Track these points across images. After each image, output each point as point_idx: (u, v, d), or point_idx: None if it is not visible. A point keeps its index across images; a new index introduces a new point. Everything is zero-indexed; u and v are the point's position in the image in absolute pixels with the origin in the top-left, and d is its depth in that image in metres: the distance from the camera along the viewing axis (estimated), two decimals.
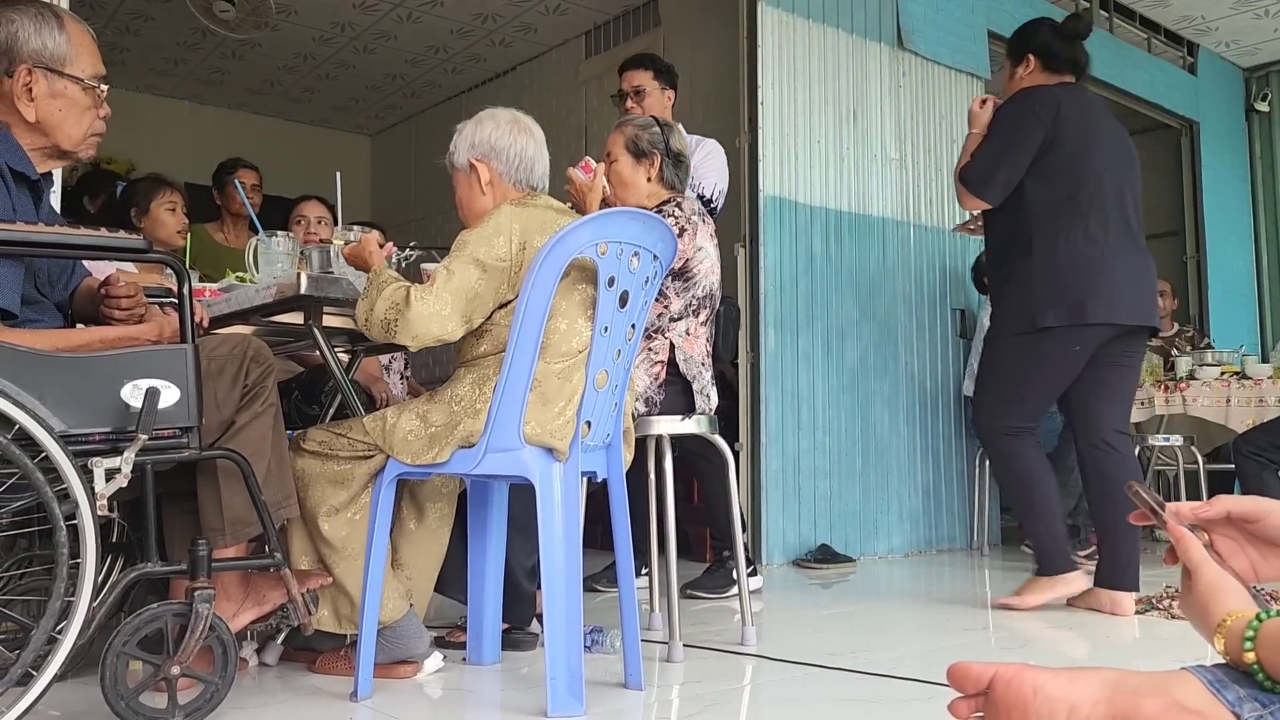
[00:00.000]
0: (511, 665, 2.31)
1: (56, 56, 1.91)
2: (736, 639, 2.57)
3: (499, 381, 1.88)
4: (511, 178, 2.16)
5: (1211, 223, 6.83)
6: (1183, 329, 5.89)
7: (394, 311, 1.95)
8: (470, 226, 2.15)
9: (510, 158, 2.15)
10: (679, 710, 1.95)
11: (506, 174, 2.15)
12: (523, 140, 2.17)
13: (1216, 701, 0.81)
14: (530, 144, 2.18)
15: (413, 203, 7.84)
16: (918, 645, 2.64)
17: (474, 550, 2.33)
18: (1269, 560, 0.97)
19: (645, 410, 2.54)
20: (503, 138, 2.16)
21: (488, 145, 2.16)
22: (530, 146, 2.18)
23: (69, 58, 1.92)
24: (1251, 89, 7.16)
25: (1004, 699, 0.88)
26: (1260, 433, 4.25)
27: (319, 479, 2.06)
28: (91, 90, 1.96)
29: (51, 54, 1.90)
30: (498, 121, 2.18)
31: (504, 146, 2.15)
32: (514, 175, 2.16)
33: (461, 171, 2.18)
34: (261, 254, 2.42)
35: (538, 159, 2.19)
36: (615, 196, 2.76)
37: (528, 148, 2.17)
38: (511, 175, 2.16)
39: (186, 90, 7.44)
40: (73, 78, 1.93)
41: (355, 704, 1.94)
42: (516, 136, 2.16)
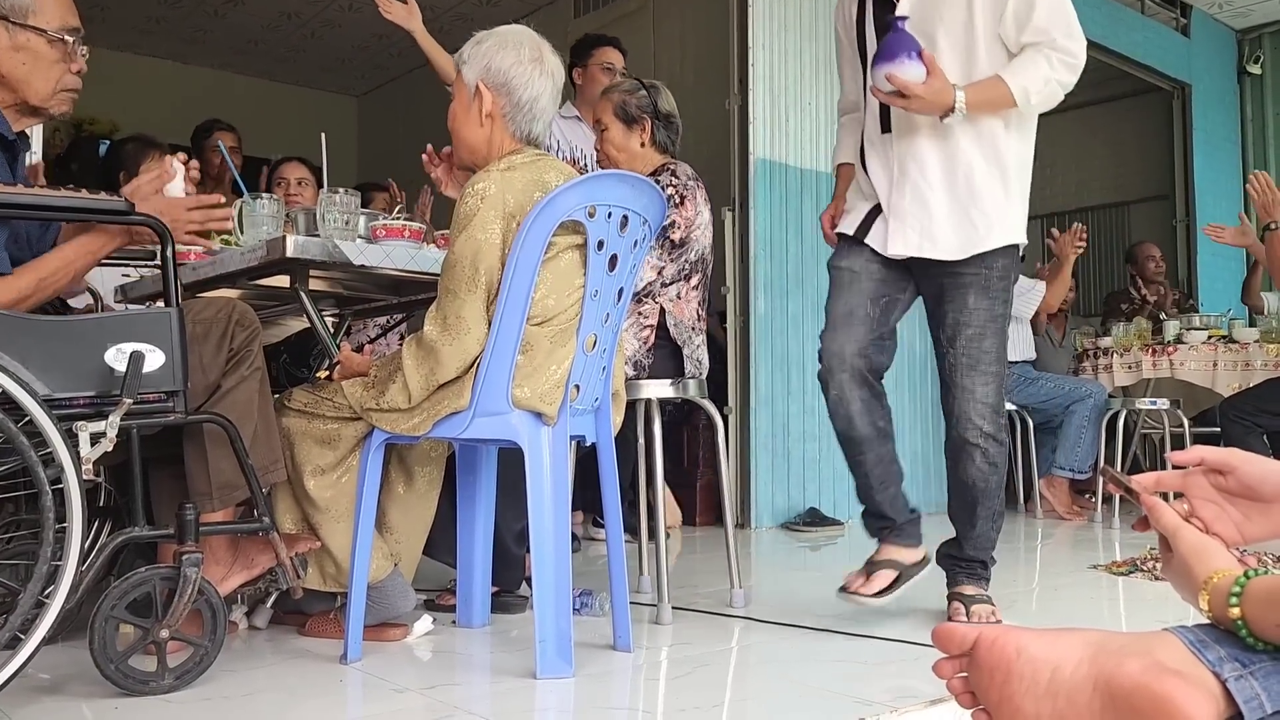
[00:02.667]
0: (501, 628, 2.32)
1: (17, 8, 1.87)
2: (725, 601, 2.59)
3: (487, 346, 1.87)
4: (514, 122, 2.02)
5: (1202, 186, 6.82)
6: (1170, 293, 5.89)
7: (425, 369, 1.86)
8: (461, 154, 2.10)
9: (522, 100, 2.01)
10: (667, 671, 1.97)
11: (510, 115, 2.01)
12: (540, 84, 2.01)
13: (1197, 662, 0.81)
14: (547, 89, 2.02)
15: (400, 166, 7.76)
16: (906, 607, 2.66)
17: (463, 514, 2.34)
18: (1253, 520, 0.97)
19: (634, 374, 2.54)
20: (520, 75, 1.99)
21: (503, 77, 2.00)
22: (546, 93, 2.02)
23: (32, 9, 1.88)
24: (1244, 51, 7.12)
25: (988, 660, 0.89)
26: (1246, 397, 4.28)
27: (304, 438, 2.05)
28: (59, 43, 1.91)
29: (12, 5, 1.86)
30: (521, 54, 2.00)
31: (519, 86, 2.00)
32: (517, 120, 2.02)
33: (466, 89, 2.04)
34: (247, 216, 2.39)
35: (549, 108, 2.04)
36: (610, 165, 2.73)
37: (543, 94, 2.02)
38: (514, 119, 2.01)
39: (169, 49, 7.33)
40: (36, 29, 1.88)
41: (345, 666, 1.95)
42: (534, 78, 2.00)
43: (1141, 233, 7.22)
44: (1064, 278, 4.84)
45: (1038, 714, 0.86)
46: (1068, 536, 4.21)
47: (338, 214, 2.28)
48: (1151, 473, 1.03)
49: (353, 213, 2.32)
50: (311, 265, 2.23)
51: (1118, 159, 7.78)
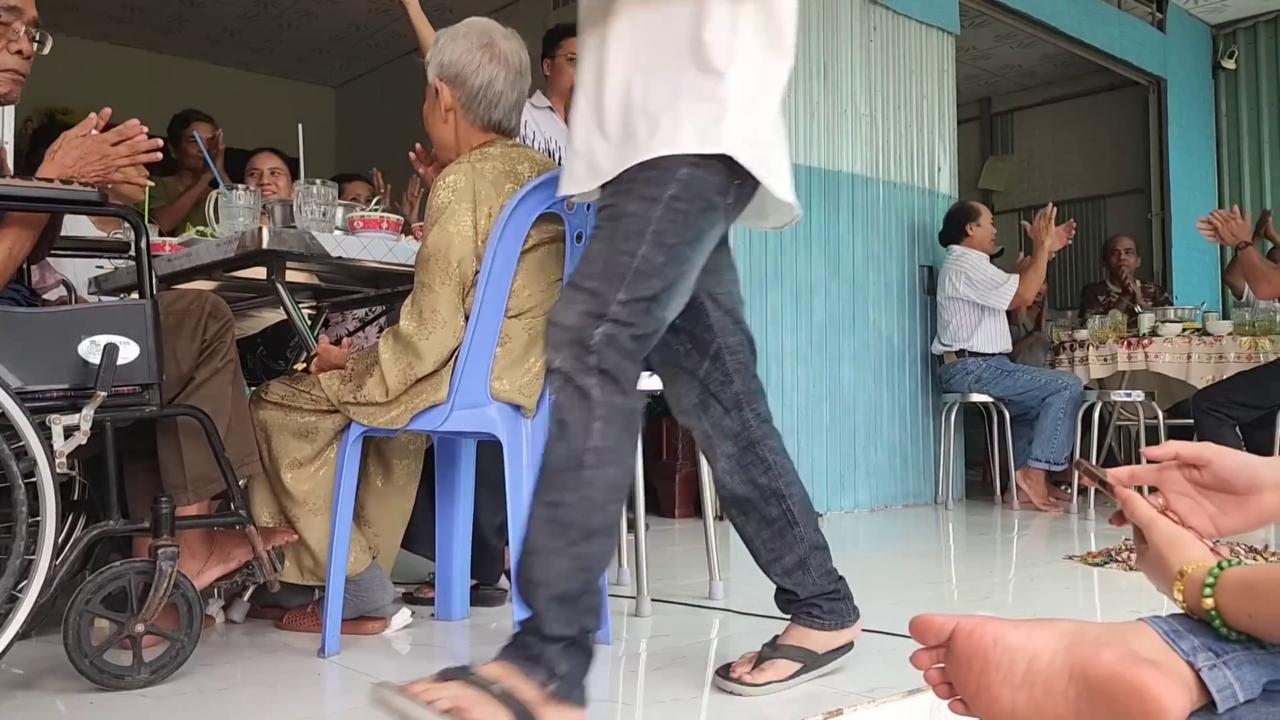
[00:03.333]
0: (480, 621, 2.32)
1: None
2: (704, 593, 2.59)
3: (465, 338, 1.86)
4: (474, 113, 2.00)
5: (1176, 180, 6.88)
6: (1146, 285, 5.95)
7: (404, 361, 1.86)
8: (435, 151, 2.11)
9: (473, 89, 1.98)
10: (647, 663, 1.97)
11: (468, 106, 1.99)
12: (491, 70, 1.98)
13: (1171, 651, 0.82)
14: (501, 75, 1.99)
15: (378, 157, 7.71)
16: (883, 599, 2.67)
17: (442, 507, 2.33)
18: (1228, 512, 0.98)
19: None
20: (470, 63, 1.98)
21: (454, 69, 1.98)
22: (500, 78, 1.99)
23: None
24: (1219, 46, 7.18)
25: (965, 650, 0.90)
26: (1219, 389, 4.33)
27: (282, 430, 2.04)
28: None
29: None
30: (470, 43, 1.99)
31: (469, 74, 1.98)
32: (475, 110, 2.00)
33: (430, 88, 2.04)
34: (222, 207, 2.37)
35: (507, 93, 2.00)
36: None
37: (496, 79, 1.99)
38: (472, 109, 1.99)
39: (144, 39, 7.25)
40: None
41: (323, 660, 1.94)
42: (485, 65, 1.98)
43: (1118, 226, 7.28)
44: (1039, 268, 4.84)
45: (1014, 703, 0.86)
46: (1044, 527, 4.25)
47: (315, 205, 2.27)
48: (1126, 466, 1.03)
49: (330, 204, 2.31)
50: (288, 257, 2.21)
51: (1094, 153, 7.84)
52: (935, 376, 5.20)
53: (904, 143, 5.23)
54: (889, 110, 5.15)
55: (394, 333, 1.90)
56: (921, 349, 5.22)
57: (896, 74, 5.20)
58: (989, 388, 4.84)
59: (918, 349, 5.21)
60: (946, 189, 5.42)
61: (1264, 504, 0.96)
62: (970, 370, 4.86)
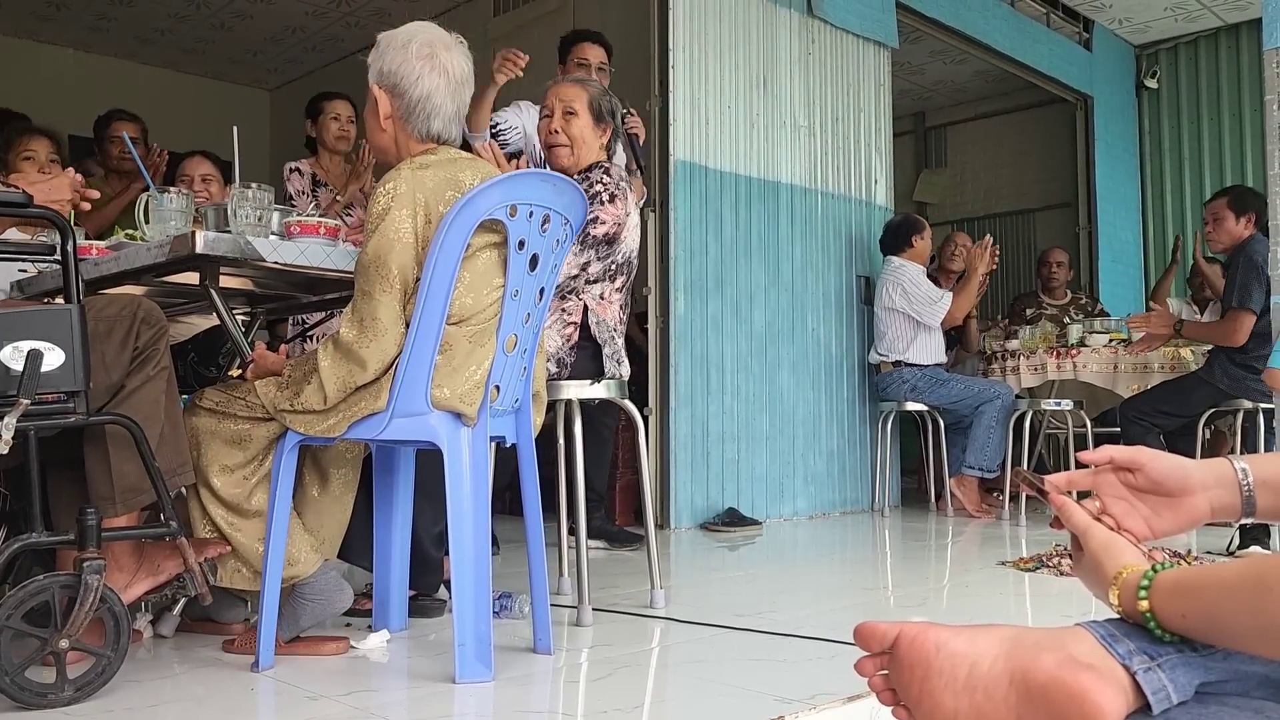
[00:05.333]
0: (419, 632, 2.28)
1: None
2: (645, 602, 2.59)
3: (405, 346, 1.84)
4: (412, 124, 1.97)
5: (1103, 195, 7.08)
6: (1075, 297, 6.10)
7: (343, 369, 1.83)
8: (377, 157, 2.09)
9: (414, 98, 1.96)
10: (588, 673, 1.96)
11: (406, 117, 1.97)
12: (432, 81, 1.95)
13: (1108, 655, 0.83)
14: (441, 86, 1.97)
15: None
16: (822, 605, 2.70)
17: (380, 517, 2.29)
18: (1161, 514, 1.00)
19: (556, 371, 2.52)
20: (410, 74, 1.94)
21: (393, 78, 1.96)
22: (440, 90, 1.97)
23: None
24: (1142, 66, 7.42)
25: (908, 656, 0.90)
26: (1144, 399, 4.45)
27: (213, 437, 1.99)
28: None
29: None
30: (409, 52, 1.95)
31: (408, 85, 1.95)
32: (412, 120, 1.97)
33: (370, 93, 2.01)
34: (153, 210, 2.31)
35: (445, 104, 1.98)
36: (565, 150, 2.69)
37: (436, 91, 1.96)
38: (411, 121, 1.97)
39: (70, 37, 7.06)
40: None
41: (257, 674, 1.89)
42: (425, 75, 1.94)
43: (1047, 239, 7.46)
44: (971, 291, 4.95)
45: (956, 709, 0.87)
46: (977, 534, 4.32)
47: (250, 209, 2.22)
48: (1064, 472, 1.05)
49: (266, 209, 2.26)
50: (222, 262, 2.16)
51: (1024, 167, 8.03)
52: (872, 385, 5.27)
53: (842, 155, 5.30)
54: (827, 122, 5.22)
55: (334, 340, 1.87)
56: (859, 358, 5.29)
57: (835, 87, 5.27)
58: (924, 396, 4.93)
59: (855, 358, 5.28)
60: (883, 201, 5.50)
61: (1195, 506, 0.99)
62: (906, 379, 4.93)
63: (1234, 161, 7.04)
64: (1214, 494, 0.98)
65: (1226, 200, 4.22)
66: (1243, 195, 4.29)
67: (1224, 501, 0.98)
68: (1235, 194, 4.29)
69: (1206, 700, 0.81)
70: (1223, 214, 4.19)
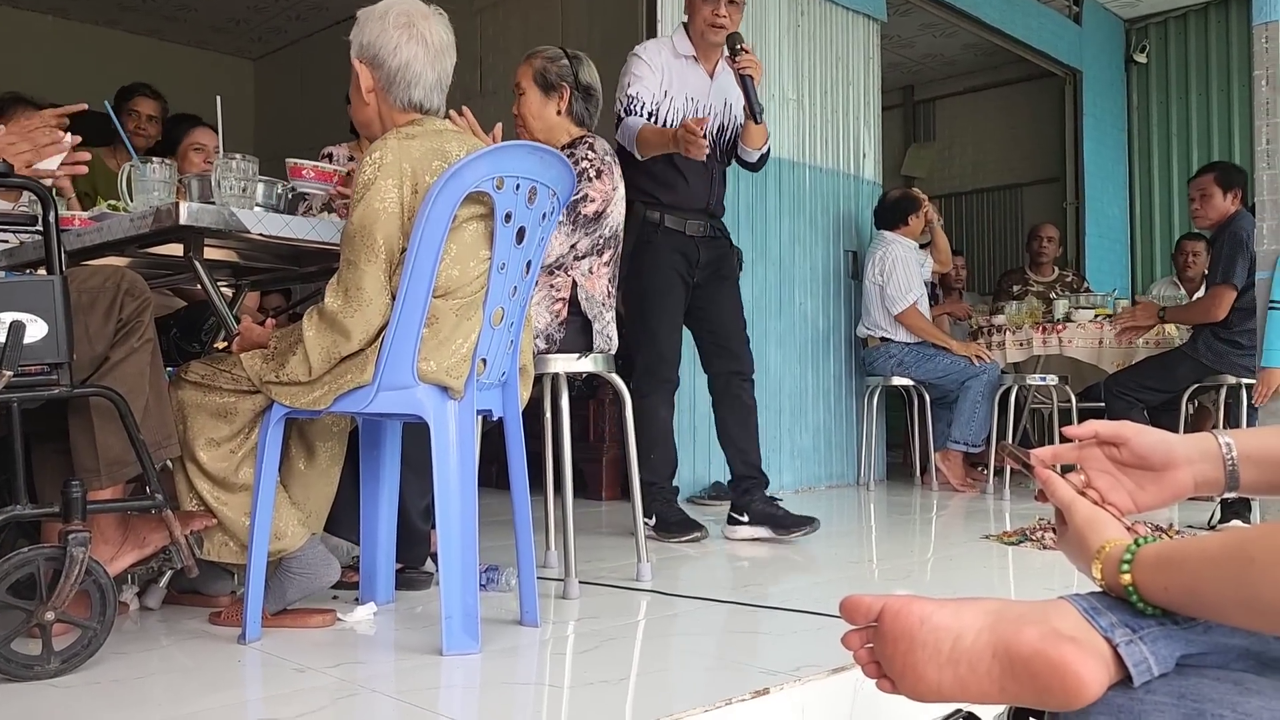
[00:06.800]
0: (406, 605, 2.29)
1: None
2: (632, 575, 2.60)
3: (391, 318, 1.83)
4: (393, 93, 1.98)
5: (1090, 170, 7.09)
6: (1063, 274, 6.12)
7: (328, 339, 1.82)
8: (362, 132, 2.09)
9: (391, 69, 1.96)
10: (574, 645, 1.97)
11: (387, 87, 1.97)
12: (410, 50, 1.95)
13: (1090, 628, 0.84)
14: (420, 54, 1.97)
15: (299, 133, 7.54)
16: (807, 578, 2.72)
17: (366, 490, 2.29)
18: (1145, 489, 1.01)
19: (545, 347, 2.52)
20: (387, 44, 1.95)
21: (372, 50, 1.97)
22: (419, 58, 1.97)
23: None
24: (1131, 40, 7.40)
25: (892, 629, 0.91)
26: (1129, 374, 4.48)
27: (199, 411, 1.98)
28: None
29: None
30: (386, 23, 1.96)
31: (387, 55, 1.96)
32: (394, 91, 1.97)
33: (353, 69, 2.01)
34: (136, 181, 2.28)
35: (426, 72, 1.98)
36: (525, 130, 2.70)
37: (415, 59, 1.96)
38: (393, 90, 1.97)
39: (49, 3, 6.96)
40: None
41: (244, 646, 1.89)
42: (404, 44, 1.95)
43: (1034, 214, 7.47)
44: (938, 242, 5.19)
45: (940, 681, 0.88)
46: (961, 508, 4.35)
47: (235, 180, 2.19)
48: (1049, 447, 1.06)
49: (250, 180, 2.24)
50: (206, 234, 2.14)
51: (1012, 142, 8.03)
52: (859, 360, 5.28)
53: (830, 128, 5.28)
54: (816, 96, 5.20)
55: (318, 310, 1.86)
56: (846, 333, 5.30)
57: (823, 60, 5.24)
58: (910, 371, 4.94)
59: (842, 333, 5.28)
60: (871, 175, 5.50)
61: (1179, 479, 1.00)
62: (893, 354, 4.95)
63: (1222, 138, 7.05)
64: (1198, 468, 0.99)
65: (1214, 176, 4.23)
66: (1228, 171, 4.30)
67: (1207, 476, 0.99)
68: (1221, 169, 4.30)
69: (1187, 672, 0.82)
70: (1210, 190, 4.20)
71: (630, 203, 3.13)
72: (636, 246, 3.19)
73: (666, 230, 3.24)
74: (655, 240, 3.22)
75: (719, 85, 3.27)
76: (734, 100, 3.25)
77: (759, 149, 3.31)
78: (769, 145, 3.39)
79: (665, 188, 3.23)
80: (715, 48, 3.22)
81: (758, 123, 3.17)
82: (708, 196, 3.32)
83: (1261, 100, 3.48)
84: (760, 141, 3.29)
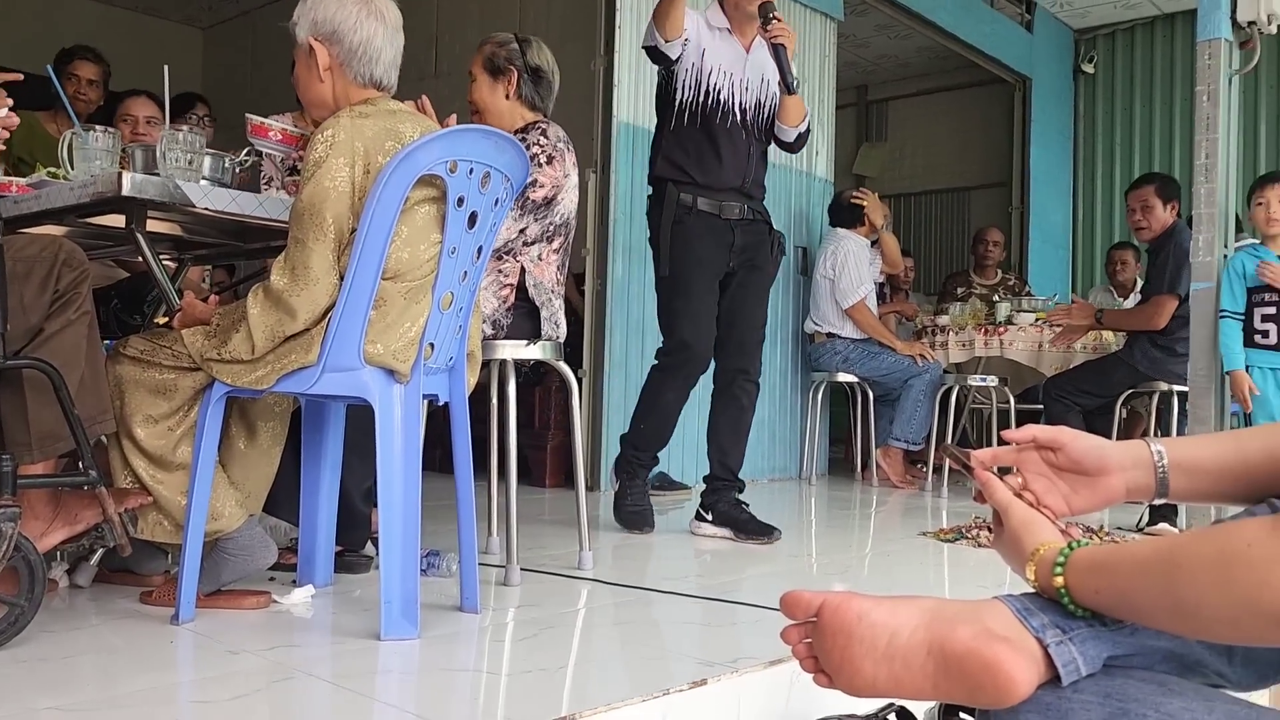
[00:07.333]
0: (344, 588, 2.27)
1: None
2: (574, 564, 2.60)
3: (339, 299, 1.81)
4: (353, 69, 1.97)
5: (1036, 176, 7.22)
6: (1005, 277, 6.22)
7: (272, 317, 1.80)
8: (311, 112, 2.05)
9: (353, 44, 1.96)
10: (514, 633, 1.97)
11: (347, 63, 1.97)
12: (370, 26, 1.97)
13: (1023, 628, 0.86)
14: (379, 31, 1.98)
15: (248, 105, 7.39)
16: (747, 571, 2.74)
17: (308, 472, 2.26)
18: (1079, 492, 1.04)
19: (492, 333, 2.50)
20: (347, 19, 1.96)
21: (330, 26, 1.96)
22: (379, 34, 1.98)
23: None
24: (1080, 50, 7.55)
25: (831, 625, 0.92)
26: (1066, 378, 4.58)
27: (137, 386, 1.94)
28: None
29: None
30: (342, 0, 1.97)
31: (347, 30, 1.95)
32: (355, 67, 1.97)
33: (301, 49, 2.00)
34: (78, 149, 2.22)
35: (385, 48, 1.99)
36: (479, 117, 2.68)
37: (375, 35, 1.97)
38: (353, 66, 1.97)
39: None
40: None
41: (176, 627, 1.86)
42: (364, 20, 1.96)
43: (981, 217, 7.59)
44: (885, 240, 5.21)
45: (875, 676, 0.90)
46: (900, 504, 4.42)
47: (181, 153, 2.15)
48: (989, 449, 1.08)
49: (197, 152, 2.19)
50: (149, 205, 2.10)
51: (962, 145, 8.14)
52: (805, 355, 5.33)
53: None
54: None
55: (264, 288, 1.83)
56: (794, 328, 5.34)
57: None
58: (855, 368, 5.00)
59: (790, 328, 5.32)
60: (823, 173, 5.54)
61: (1112, 485, 1.03)
62: (839, 351, 5.00)
63: (1163, 149, 7.22)
64: (1130, 475, 1.02)
65: (1155, 188, 4.33)
66: (1167, 182, 4.41)
67: (1139, 482, 1.02)
68: (1161, 181, 4.40)
69: (1114, 673, 0.85)
70: (1152, 201, 4.30)
71: (662, 180, 3.08)
72: (668, 228, 3.07)
73: (700, 214, 3.08)
74: (687, 222, 3.08)
75: (755, 60, 3.12)
76: (770, 76, 3.11)
77: (796, 126, 3.17)
78: (808, 123, 3.25)
79: (698, 164, 3.07)
80: (750, 20, 3.06)
81: (791, 93, 3.06)
82: (744, 175, 3.14)
83: (1202, 115, 3.57)
84: (798, 118, 3.16)
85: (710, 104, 3.03)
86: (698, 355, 3.10)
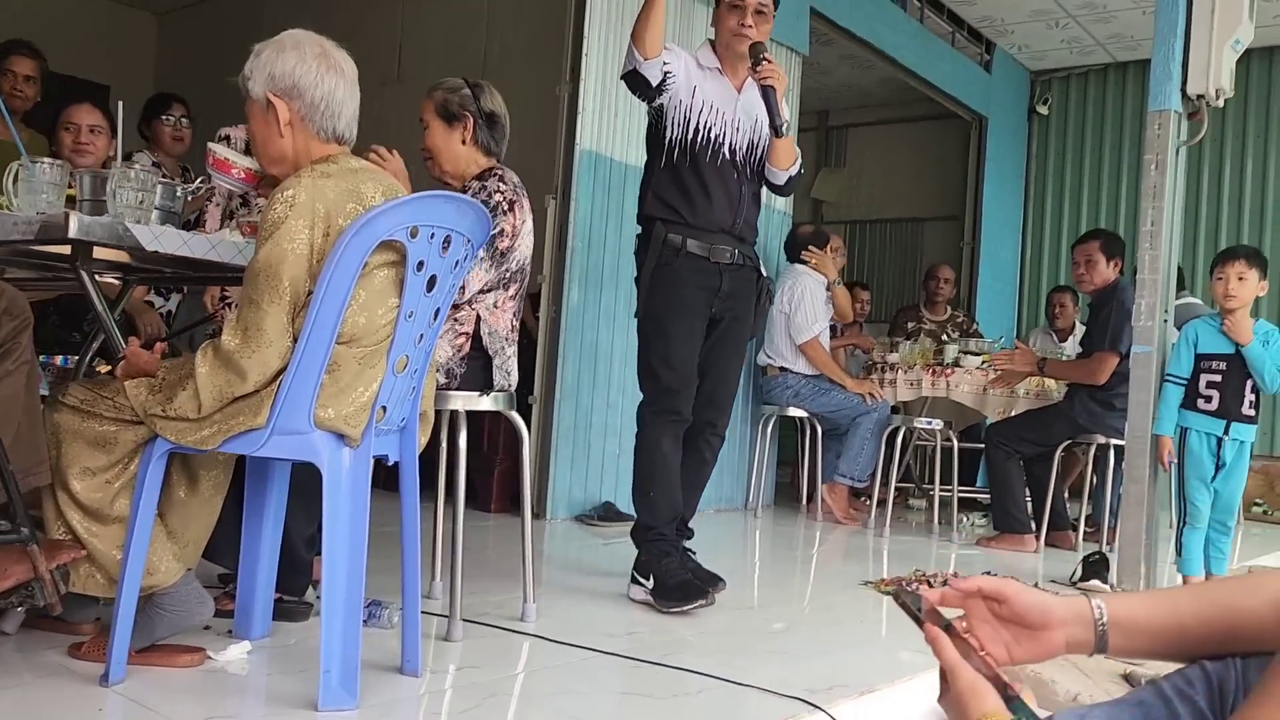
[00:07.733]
0: (281, 640, 2.23)
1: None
2: (517, 613, 2.58)
3: (291, 363, 1.77)
4: (315, 124, 1.94)
5: (988, 213, 7.34)
6: (954, 314, 6.32)
7: (221, 378, 1.76)
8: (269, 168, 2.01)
9: (315, 99, 1.92)
10: (452, 703, 1.95)
11: (309, 118, 1.93)
12: (331, 80, 1.94)
13: None
14: (340, 85, 1.95)
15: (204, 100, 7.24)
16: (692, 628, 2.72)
17: (250, 520, 2.22)
18: (1021, 644, 1.06)
19: (445, 382, 2.48)
20: (308, 74, 1.92)
21: (289, 81, 1.92)
22: (340, 88, 1.95)
23: None
24: (1035, 92, 7.69)
25: None
26: (1009, 426, 4.66)
27: (76, 437, 1.89)
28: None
29: None
30: (303, 54, 1.93)
31: (308, 85, 1.92)
32: (319, 121, 1.94)
33: (258, 104, 1.96)
34: (23, 180, 2.15)
35: (347, 102, 1.97)
36: (434, 164, 2.65)
37: (336, 89, 1.94)
38: (315, 121, 1.93)
39: None
40: None
41: (106, 689, 1.81)
42: (324, 75, 1.93)
43: (934, 250, 7.71)
44: (837, 294, 5.22)
45: None
46: (842, 542, 4.47)
47: (131, 191, 2.09)
48: (937, 590, 1.10)
49: (148, 190, 2.13)
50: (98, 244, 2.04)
51: (917, 176, 8.25)
52: (756, 387, 5.35)
53: None
54: None
55: (214, 346, 1.79)
56: (748, 360, 5.36)
57: None
58: (805, 403, 5.04)
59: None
60: (781, 205, 5.57)
61: (1053, 640, 1.06)
62: (790, 385, 5.04)
63: (1110, 194, 7.39)
64: (1071, 630, 1.05)
65: (1099, 244, 4.42)
66: (1111, 239, 4.51)
67: (1079, 638, 1.06)
68: (1106, 238, 4.50)
69: None
70: (1096, 257, 4.39)
71: (651, 219, 2.99)
72: (654, 269, 2.96)
73: (689, 255, 2.95)
74: (674, 265, 2.95)
75: (746, 100, 3.04)
76: (762, 117, 3.03)
77: (787, 170, 3.08)
78: (799, 167, 3.15)
79: (687, 203, 2.95)
80: (741, 60, 2.98)
81: (779, 136, 3.00)
82: (735, 215, 3.00)
83: (1149, 183, 3.65)
84: (788, 161, 3.07)
85: (701, 141, 2.97)
86: (684, 399, 3.00)
